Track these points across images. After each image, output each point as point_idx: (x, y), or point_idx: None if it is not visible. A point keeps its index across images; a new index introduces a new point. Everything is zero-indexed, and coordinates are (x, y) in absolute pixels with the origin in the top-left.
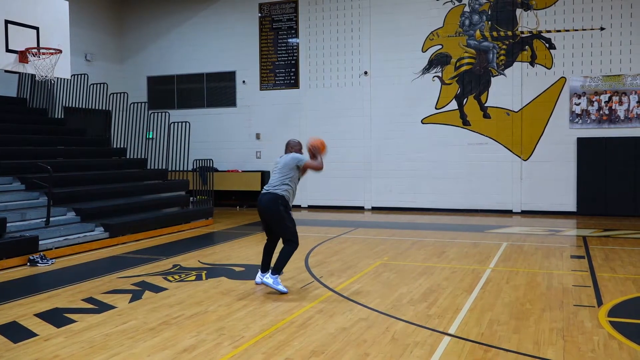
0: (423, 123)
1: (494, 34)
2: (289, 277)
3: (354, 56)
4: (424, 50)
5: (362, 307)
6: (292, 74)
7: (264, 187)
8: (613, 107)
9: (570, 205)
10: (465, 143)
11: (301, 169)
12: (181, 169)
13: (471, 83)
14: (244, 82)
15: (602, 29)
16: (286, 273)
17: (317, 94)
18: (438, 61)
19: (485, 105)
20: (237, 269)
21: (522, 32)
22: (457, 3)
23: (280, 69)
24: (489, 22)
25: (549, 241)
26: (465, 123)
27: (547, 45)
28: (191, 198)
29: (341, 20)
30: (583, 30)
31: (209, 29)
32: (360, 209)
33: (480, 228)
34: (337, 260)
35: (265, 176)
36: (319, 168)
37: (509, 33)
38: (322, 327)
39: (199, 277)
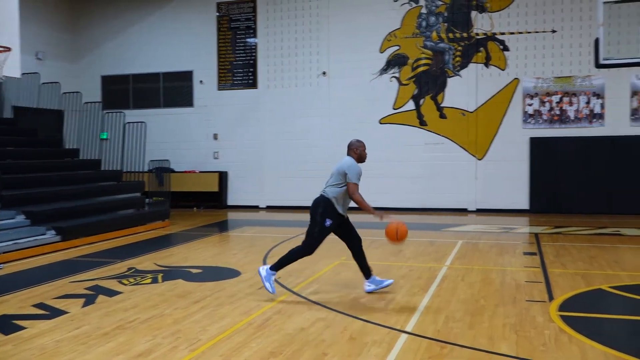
0: (381, 123)
1: (450, 35)
2: (247, 278)
3: (313, 56)
4: (381, 51)
5: (320, 307)
6: (250, 74)
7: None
8: (564, 108)
9: (524, 203)
10: (422, 143)
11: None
12: (137, 170)
13: (428, 84)
14: (201, 82)
15: (553, 31)
16: (244, 274)
17: (276, 94)
18: (395, 62)
19: (442, 105)
20: (194, 270)
21: (477, 34)
22: (414, 5)
23: (239, 69)
24: (445, 24)
25: (502, 239)
26: (422, 123)
27: (501, 47)
28: (147, 199)
29: (300, 21)
30: (535, 32)
31: (165, 27)
32: None
33: (437, 227)
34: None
35: (223, 177)
36: (361, 206)
37: (465, 35)
38: (281, 328)
39: (154, 280)
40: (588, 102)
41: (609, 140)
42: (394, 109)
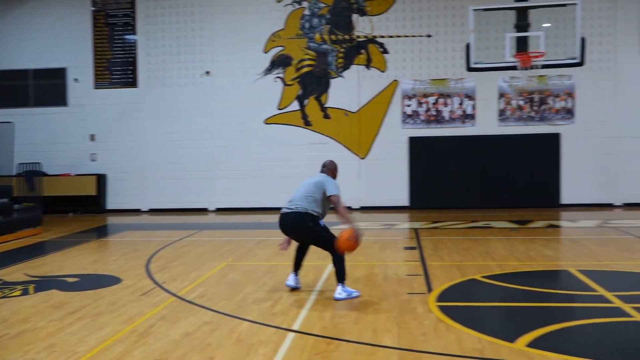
0: (266, 123)
1: (333, 37)
2: (129, 285)
3: (196, 55)
4: (265, 51)
5: (206, 310)
6: (129, 72)
7: (287, 204)
8: (439, 109)
9: (404, 200)
10: (307, 143)
11: (328, 200)
12: (3, 173)
13: (312, 84)
14: (76, 79)
15: (429, 36)
16: (125, 280)
17: (158, 93)
18: (280, 62)
19: (326, 106)
20: (70, 279)
21: (358, 37)
22: (297, 6)
23: (117, 66)
24: (328, 26)
25: (384, 235)
26: (307, 123)
27: (381, 49)
28: (15, 205)
29: (182, 19)
30: (412, 36)
31: (35, 21)
32: (204, 210)
33: None
34: (180, 264)
35: (101, 180)
36: (345, 217)
37: (347, 37)
38: (165, 334)
39: (25, 292)
40: (461, 104)
41: (480, 139)
42: (279, 109)
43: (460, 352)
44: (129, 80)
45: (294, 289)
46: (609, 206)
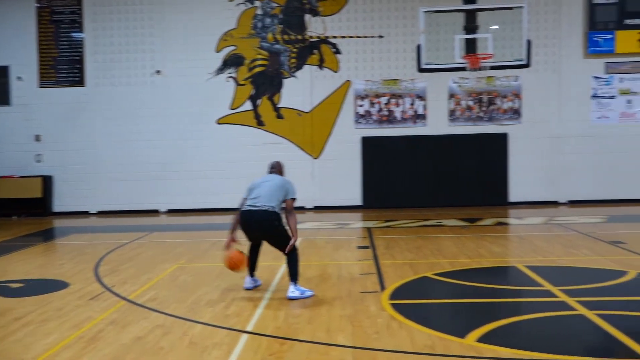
0: (219, 123)
1: (285, 37)
2: (77, 289)
3: (146, 54)
4: (217, 51)
5: (158, 313)
6: (77, 70)
7: (252, 202)
8: (391, 109)
9: (357, 199)
10: (260, 143)
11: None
12: None
13: (265, 84)
14: (19, 78)
15: (380, 36)
16: (73, 285)
17: (108, 92)
18: (232, 62)
19: (278, 106)
20: (14, 285)
21: (310, 37)
22: (249, 5)
23: (63, 64)
24: (280, 26)
25: (338, 234)
26: (260, 123)
27: (334, 50)
28: None
29: (131, 16)
30: (365, 37)
31: None
32: (155, 212)
33: None
34: (130, 267)
35: (47, 182)
36: (293, 223)
37: (299, 37)
38: (115, 339)
39: None
40: (412, 104)
41: (431, 139)
42: (232, 109)
43: (412, 349)
44: (76, 79)
45: (253, 288)
46: (554, 204)
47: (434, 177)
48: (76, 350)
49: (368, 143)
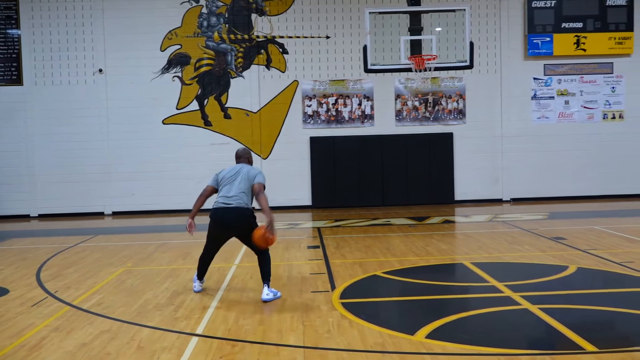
0: (164, 124)
1: (232, 36)
2: (17, 295)
3: (87, 52)
4: (162, 50)
5: (104, 318)
6: (13, 69)
7: (224, 200)
8: (339, 109)
9: (306, 199)
10: (208, 143)
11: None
12: None
13: (211, 84)
14: None
15: (327, 37)
16: (13, 291)
17: (47, 91)
18: (177, 61)
19: (226, 106)
20: None
21: (257, 37)
22: (194, 4)
23: None
24: (227, 25)
25: (288, 234)
26: (207, 123)
27: (281, 50)
28: None
29: (70, 14)
30: (311, 37)
31: None
32: (100, 214)
33: None
34: (74, 271)
35: None
36: (266, 206)
37: (246, 37)
38: (59, 346)
39: None
40: (360, 104)
41: (379, 139)
42: (178, 109)
43: (363, 347)
44: (13, 77)
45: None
46: (498, 201)
47: (382, 176)
48: (17, 359)
49: (317, 143)
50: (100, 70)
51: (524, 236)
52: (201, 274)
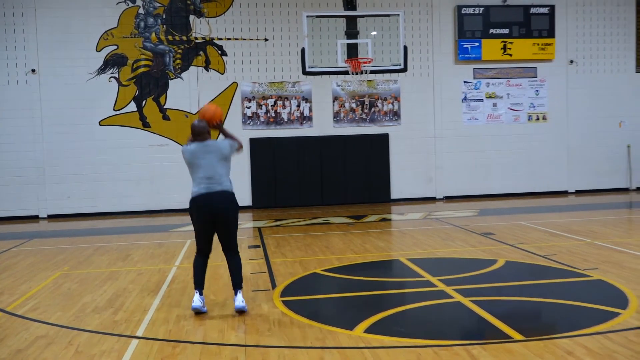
0: (101, 125)
1: (170, 38)
2: None
3: (19, 52)
4: (98, 50)
5: (40, 323)
6: None
7: (206, 183)
8: (278, 111)
9: (246, 200)
10: (146, 145)
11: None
12: None
13: (149, 85)
14: None
15: (266, 39)
16: None
17: None
18: (114, 62)
19: (165, 107)
20: None
21: (196, 38)
22: (130, 4)
23: None
24: (164, 26)
25: None
26: (146, 125)
27: (220, 52)
28: None
29: (0, 12)
30: (250, 39)
31: None
32: (34, 218)
33: (165, 228)
34: (7, 276)
35: None
36: (240, 147)
37: (184, 38)
38: None
39: None
40: (299, 106)
41: (317, 140)
42: (115, 110)
43: (303, 343)
44: None
45: (200, 313)
46: (432, 199)
47: (321, 176)
48: None
49: (256, 144)
50: (33, 71)
51: (456, 232)
52: (199, 283)
